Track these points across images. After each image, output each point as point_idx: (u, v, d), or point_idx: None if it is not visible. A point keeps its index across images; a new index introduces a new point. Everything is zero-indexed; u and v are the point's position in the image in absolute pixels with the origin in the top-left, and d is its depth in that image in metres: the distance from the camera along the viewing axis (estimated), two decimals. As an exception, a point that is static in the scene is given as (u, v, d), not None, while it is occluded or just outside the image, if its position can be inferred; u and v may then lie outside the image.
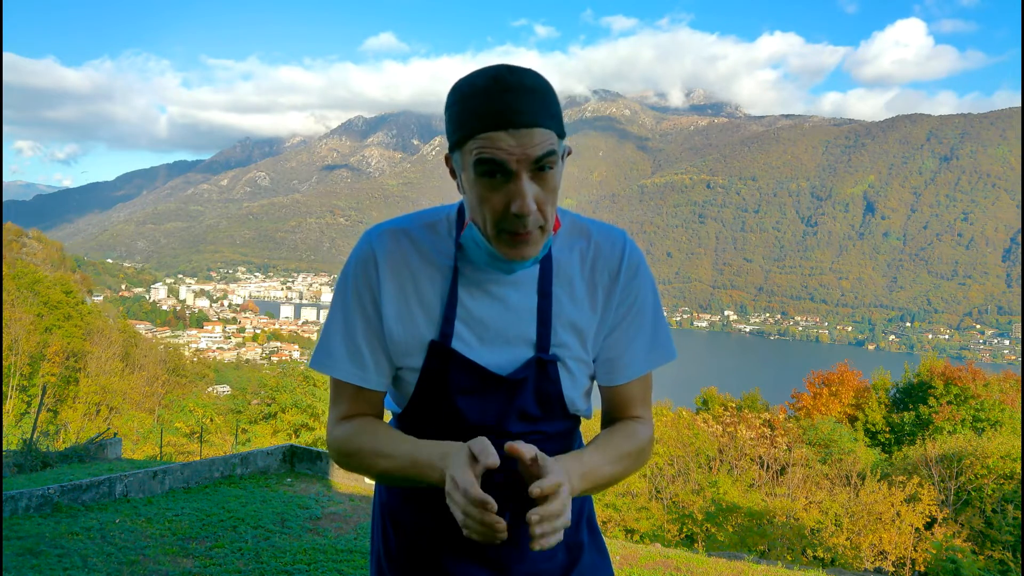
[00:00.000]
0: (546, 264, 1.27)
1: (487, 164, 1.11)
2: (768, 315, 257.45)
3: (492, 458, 1.09)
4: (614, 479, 1.28)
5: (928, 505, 15.99)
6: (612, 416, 1.39)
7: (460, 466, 1.10)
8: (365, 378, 1.29)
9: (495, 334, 1.26)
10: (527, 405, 1.26)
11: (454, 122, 1.16)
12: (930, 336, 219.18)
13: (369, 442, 1.26)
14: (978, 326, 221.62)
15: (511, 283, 1.26)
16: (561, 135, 1.18)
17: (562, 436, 1.35)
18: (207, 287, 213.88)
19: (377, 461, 1.24)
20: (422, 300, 1.26)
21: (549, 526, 1.07)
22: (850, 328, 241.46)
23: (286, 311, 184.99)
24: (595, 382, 1.38)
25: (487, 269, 1.24)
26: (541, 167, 1.13)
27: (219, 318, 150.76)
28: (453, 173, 1.22)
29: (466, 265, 1.26)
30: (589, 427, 1.65)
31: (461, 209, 1.29)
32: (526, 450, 1.11)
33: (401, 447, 1.23)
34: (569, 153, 1.22)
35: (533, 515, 1.06)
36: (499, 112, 1.10)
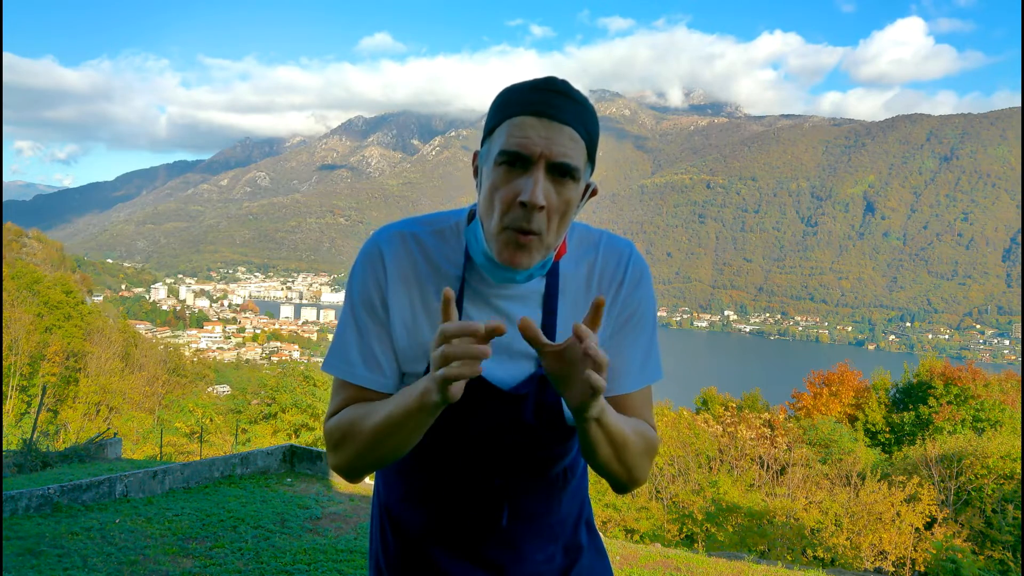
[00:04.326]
0: (552, 280, 1.26)
1: (510, 153, 1.11)
2: (768, 315, 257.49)
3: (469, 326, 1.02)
4: (629, 443, 1.22)
5: (928, 505, 15.98)
6: None
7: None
8: (383, 383, 1.28)
9: (498, 348, 1.24)
10: (526, 418, 1.25)
11: (492, 111, 1.17)
12: (930, 336, 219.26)
13: (361, 410, 1.24)
14: (978, 326, 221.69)
15: (517, 298, 1.25)
16: (590, 163, 1.18)
17: (559, 443, 1.34)
18: (207, 287, 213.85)
19: (371, 419, 1.20)
20: (428, 308, 1.25)
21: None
22: (850, 328, 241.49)
23: (286, 311, 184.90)
24: None
25: (493, 282, 1.24)
26: (561, 171, 1.12)
27: (219, 318, 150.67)
28: (476, 172, 1.21)
29: (473, 277, 1.25)
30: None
31: (470, 215, 1.29)
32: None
33: (387, 401, 1.20)
34: (595, 193, 1.21)
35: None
36: (537, 102, 1.12)
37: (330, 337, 1.35)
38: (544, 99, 1.12)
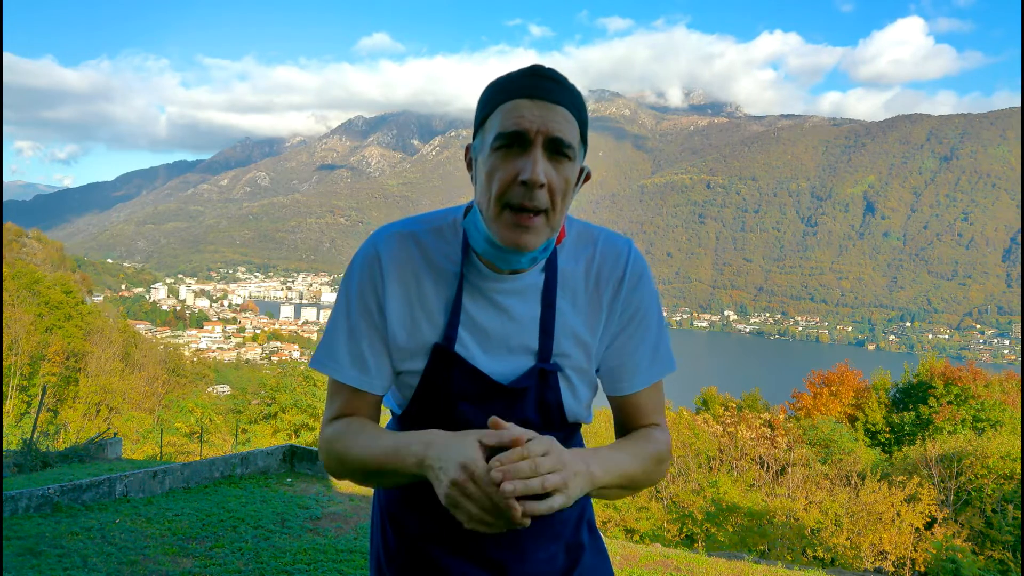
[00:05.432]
0: (551, 274, 1.27)
1: (507, 135, 1.12)
2: (768, 315, 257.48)
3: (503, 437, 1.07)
4: (636, 478, 1.25)
5: (928, 505, 15.98)
6: (626, 426, 1.38)
7: (470, 453, 1.07)
8: (368, 382, 1.28)
9: (498, 343, 1.25)
10: (527, 413, 1.26)
11: (482, 102, 1.19)
12: (930, 336, 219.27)
13: (354, 437, 1.25)
14: (978, 326, 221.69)
15: (515, 293, 1.25)
16: (583, 143, 1.19)
17: (561, 441, 1.35)
18: (207, 287, 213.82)
19: (359, 453, 1.22)
20: (426, 305, 1.26)
21: (520, 483, 1.02)
22: (850, 328, 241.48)
23: (286, 311, 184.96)
24: (599, 391, 1.38)
25: (492, 275, 1.24)
26: (558, 150, 1.13)
27: (219, 318, 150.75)
28: (470, 165, 1.22)
29: (472, 272, 1.25)
30: (588, 430, 1.65)
31: (467, 212, 1.29)
32: (508, 426, 1.08)
33: (384, 437, 1.22)
34: (588, 177, 1.23)
35: (496, 470, 1.03)
36: (528, 86, 1.14)
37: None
38: (534, 83, 1.15)
